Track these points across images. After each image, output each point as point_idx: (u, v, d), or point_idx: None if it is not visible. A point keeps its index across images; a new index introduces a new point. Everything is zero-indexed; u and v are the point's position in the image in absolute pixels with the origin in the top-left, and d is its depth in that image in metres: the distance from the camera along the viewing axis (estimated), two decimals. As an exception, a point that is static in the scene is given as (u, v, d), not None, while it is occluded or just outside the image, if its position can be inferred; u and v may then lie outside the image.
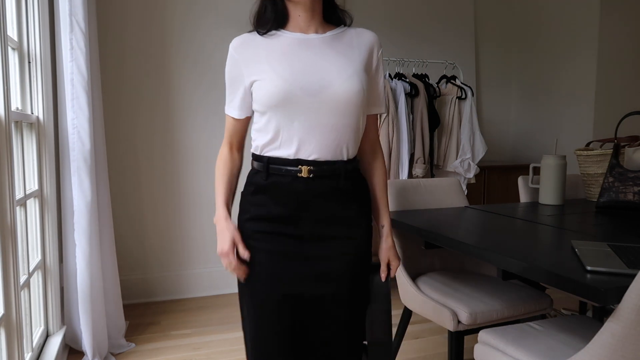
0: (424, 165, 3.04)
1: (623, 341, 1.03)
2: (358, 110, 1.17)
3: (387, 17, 3.66)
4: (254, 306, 1.20)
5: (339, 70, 1.15)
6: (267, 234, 1.19)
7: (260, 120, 1.19)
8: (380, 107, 1.28)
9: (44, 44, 2.16)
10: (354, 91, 1.14)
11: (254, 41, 1.19)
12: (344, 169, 1.19)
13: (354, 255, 1.22)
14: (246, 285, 1.21)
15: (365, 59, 1.21)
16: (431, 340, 2.49)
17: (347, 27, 1.25)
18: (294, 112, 1.13)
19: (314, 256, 1.19)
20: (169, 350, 2.40)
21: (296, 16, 1.19)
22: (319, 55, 1.17)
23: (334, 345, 1.22)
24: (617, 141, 2.13)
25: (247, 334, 1.25)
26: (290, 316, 1.18)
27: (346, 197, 1.21)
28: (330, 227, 1.20)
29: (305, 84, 1.12)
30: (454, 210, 2.04)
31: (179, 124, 3.10)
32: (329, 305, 1.20)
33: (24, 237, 1.92)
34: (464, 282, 1.92)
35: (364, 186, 1.28)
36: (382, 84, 1.28)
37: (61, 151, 2.23)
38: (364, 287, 1.27)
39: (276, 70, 1.13)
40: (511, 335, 1.41)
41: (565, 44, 3.65)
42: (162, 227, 3.12)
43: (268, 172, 1.18)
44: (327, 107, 1.13)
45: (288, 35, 1.19)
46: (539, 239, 1.55)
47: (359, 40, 1.23)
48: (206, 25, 3.09)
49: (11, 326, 1.54)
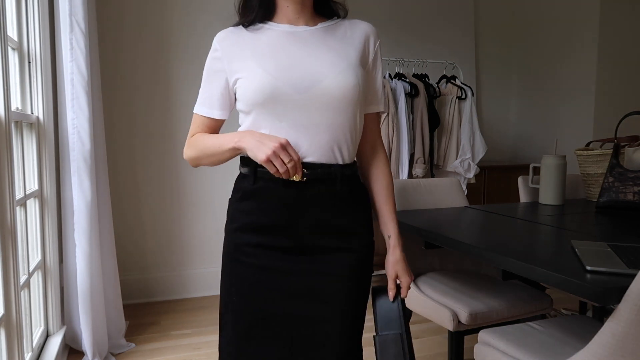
0: (424, 165, 3.04)
1: (623, 341, 1.03)
2: (354, 107, 1.06)
3: (387, 16, 3.66)
4: (234, 321, 1.10)
5: (331, 65, 1.04)
6: (255, 247, 1.08)
7: (246, 121, 1.09)
8: (379, 104, 1.17)
9: (44, 44, 2.16)
10: (349, 86, 1.04)
11: (239, 36, 1.10)
12: (341, 174, 1.07)
13: (351, 271, 1.09)
14: (230, 302, 1.11)
15: (360, 51, 1.11)
16: (431, 340, 2.49)
17: (341, 19, 1.15)
18: (282, 111, 1.03)
19: (307, 271, 1.07)
20: (169, 350, 2.40)
21: (284, 7, 1.09)
22: (309, 49, 1.07)
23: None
24: (617, 141, 2.13)
25: (223, 348, 1.13)
26: (277, 336, 1.08)
27: (343, 204, 1.09)
28: (325, 237, 1.08)
29: (293, 79, 1.02)
30: (454, 210, 2.04)
31: (179, 123, 3.10)
32: (319, 326, 1.07)
33: (24, 237, 1.92)
34: (464, 282, 1.92)
35: (364, 193, 1.16)
36: (380, 79, 1.17)
37: (61, 151, 2.23)
38: (361, 308, 1.12)
39: (262, 66, 1.03)
40: (511, 335, 1.41)
41: (566, 44, 3.65)
42: (162, 227, 3.12)
43: (256, 176, 1.07)
44: (319, 104, 1.03)
45: (275, 27, 1.09)
46: (539, 239, 1.55)
47: (353, 31, 1.13)
48: (206, 25, 3.09)
49: (11, 326, 1.54)
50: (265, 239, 1.08)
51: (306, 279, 1.07)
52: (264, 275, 1.08)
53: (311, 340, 1.08)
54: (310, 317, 1.07)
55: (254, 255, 1.08)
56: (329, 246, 1.08)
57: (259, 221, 1.08)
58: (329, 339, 1.07)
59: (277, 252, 1.07)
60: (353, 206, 1.11)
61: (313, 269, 1.07)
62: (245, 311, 1.09)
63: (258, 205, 1.07)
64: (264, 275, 1.08)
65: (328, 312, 1.07)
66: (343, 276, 1.09)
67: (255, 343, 1.08)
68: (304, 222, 1.07)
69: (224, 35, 1.12)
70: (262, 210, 1.07)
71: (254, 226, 1.08)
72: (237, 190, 1.13)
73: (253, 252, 1.08)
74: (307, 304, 1.07)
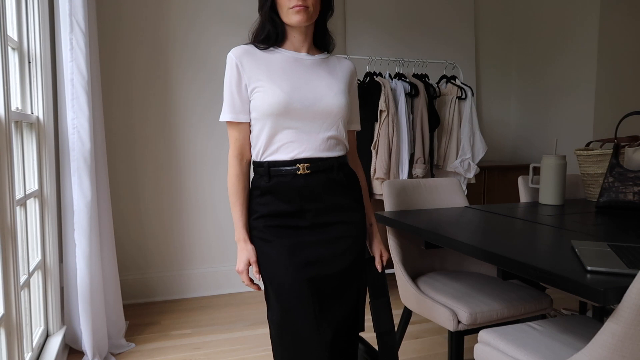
0: (424, 165, 3.04)
1: (623, 341, 1.03)
2: (343, 119, 1.37)
3: (387, 16, 3.66)
4: (276, 293, 1.31)
5: (329, 87, 1.34)
6: (277, 227, 1.32)
7: (255, 129, 1.34)
8: (355, 124, 1.49)
9: (44, 44, 2.16)
10: (342, 105, 1.34)
11: (254, 55, 1.34)
12: (337, 163, 1.35)
13: (354, 237, 1.39)
14: (268, 276, 1.33)
15: (346, 82, 1.41)
16: (431, 340, 2.49)
17: (330, 55, 1.44)
18: (290, 120, 1.29)
19: (321, 240, 1.34)
20: (169, 350, 2.40)
21: (292, 37, 1.36)
22: (311, 74, 1.35)
23: (346, 319, 1.37)
24: (617, 141, 2.13)
25: (272, 322, 1.35)
26: (311, 296, 1.30)
27: (341, 187, 1.37)
28: (331, 214, 1.35)
29: (301, 96, 1.29)
30: (454, 210, 2.04)
31: (179, 123, 3.10)
32: (340, 281, 1.35)
33: (24, 237, 1.92)
34: (464, 282, 1.92)
35: (355, 178, 1.44)
36: (357, 105, 1.49)
37: (61, 151, 2.23)
38: (362, 264, 1.44)
39: (277, 83, 1.29)
40: (511, 335, 1.41)
41: (566, 44, 3.65)
42: (162, 227, 3.12)
43: (270, 175, 1.32)
44: (319, 116, 1.31)
45: (284, 53, 1.36)
46: (539, 239, 1.55)
47: (340, 66, 1.43)
48: (207, 25, 3.09)
49: (11, 326, 1.54)
50: (284, 220, 1.33)
51: (322, 246, 1.33)
52: (289, 248, 1.31)
53: (333, 295, 1.34)
54: (332, 273, 1.33)
55: (276, 234, 1.32)
56: (335, 220, 1.36)
57: (277, 209, 1.33)
58: (349, 287, 1.37)
59: (296, 230, 1.33)
60: (348, 187, 1.40)
61: (326, 238, 1.34)
62: (281, 279, 1.30)
63: (275, 197, 1.33)
64: (289, 248, 1.31)
65: (344, 266, 1.35)
66: (351, 241, 1.38)
67: (292, 308, 1.31)
68: (313, 205, 1.33)
69: (242, 51, 1.34)
70: (279, 200, 1.32)
71: (274, 213, 1.33)
72: (255, 188, 1.37)
73: (276, 232, 1.32)
74: (327, 264, 1.33)
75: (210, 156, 3.15)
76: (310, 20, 1.32)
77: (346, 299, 1.38)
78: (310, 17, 1.31)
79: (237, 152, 1.37)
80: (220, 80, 3.12)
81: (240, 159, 1.37)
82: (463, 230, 1.67)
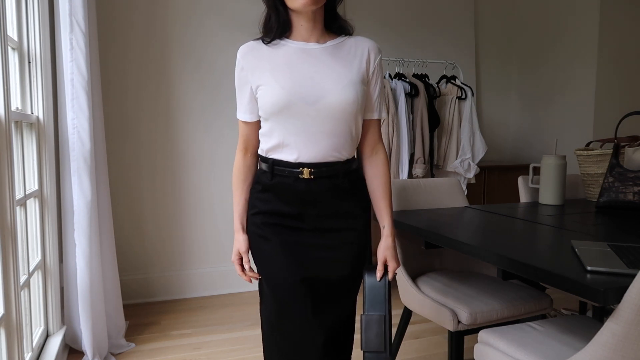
0: (424, 165, 3.04)
1: (623, 341, 1.03)
2: (353, 117, 1.26)
3: (387, 16, 3.66)
4: (271, 290, 1.30)
5: (336, 81, 1.23)
6: (275, 225, 1.29)
7: (265, 126, 1.29)
8: (374, 113, 1.34)
9: (44, 44, 2.16)
10: (349, 101, 1.23)
11: (259, 50, 1.28)
12: (342, 170, 1.28)
13: (356, 245, 1.33)
14: (263, 272, 1.33)
15: (363, 67, 1.28)
16: (431, 340, 2.49)
17: (348, 37, 1.31)
18: (294, 119, 1.22)
19: (322, 244, 1.30)
20: (169, 350, 2.40)
21: (299, 25, 1.26)
22: (317, 66, 1.24)
23: (339, 325, 1.35)
24: (617, 141, 2.13)
25: (264, 317, 1.36)
26: (304, 296, 1.27)
27: (345, 194, 1.30)
28: (332, 220, 1.30)
29: (303, 93, 1.21)
30: (454, 210, 2.04)
31: (179, 123, 3.10)
32: (338, 287, 1.32)
33: (24, 237, 1.92)
34: (464, 282, 1.92)
35: (362, 183, 1.37)
36: (378, 91, 1.33)
37: (61, 151, 2.23)
38: (361, 272, 1.36)
39: (278, 80, 1.22)
40: (511, 335, 1.41)
41: (566, 45, 3.65)
42: (162, 227, 3.12)
43: (273, 173, 1.29)
44: (324, 114, 1.22)
45: (291, 44, 1.27)
46: (539, 239, 1.55)
47: (357, 49, 1.29)
48: (207, 25, 3.09)
49: (11, 326, 1.54)
50: (282, 220, 1.29)
51: (322, 250, 1.29)
52: (288, 247, 1.28)
53: (328, 298, 1.31)
54: (330, 278, 1.30)
55: (274, 232, 1.29)
56: (336, 227, 1.31)
57: (277, 209, 1.29)
58: (342, 294, 1.33)
59: (294, 231, 1.29)
60: (353, 194, 1.33)
61: (326, 244, 1.30)
62: (277, 276, 1.29)
63: (275, 196, 1.29)
64: (289, 246, 1.28)
65: (342, 273, 1.31)
66: (351, 248, 1.32)
67: (286, 306, 1.29)
68: (314, 210, 1.29)
69: (246, 50, 1.29)
70: (279, 201, 1.29)
71: (272, 211, 1.30)
72: (257, 183, 1.34)
73: (273, 230, 1.29)
74: (327, 267, 1.29)
75: (209, 156, 3.15)
76: (316, 4, 1.20)
77: (342, 306, 1.34)
78: (316, 1, 1.20)
79: (242, 145, 1.36)
80: (220, 80, 3.12)
81: (244, 152, 1.36)
82: (463, 230, 1.67)
